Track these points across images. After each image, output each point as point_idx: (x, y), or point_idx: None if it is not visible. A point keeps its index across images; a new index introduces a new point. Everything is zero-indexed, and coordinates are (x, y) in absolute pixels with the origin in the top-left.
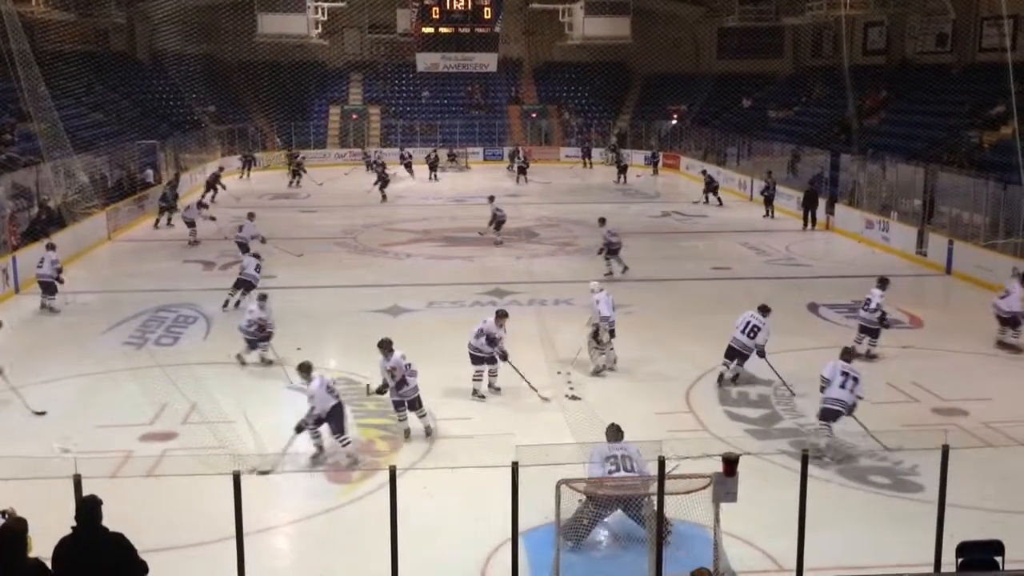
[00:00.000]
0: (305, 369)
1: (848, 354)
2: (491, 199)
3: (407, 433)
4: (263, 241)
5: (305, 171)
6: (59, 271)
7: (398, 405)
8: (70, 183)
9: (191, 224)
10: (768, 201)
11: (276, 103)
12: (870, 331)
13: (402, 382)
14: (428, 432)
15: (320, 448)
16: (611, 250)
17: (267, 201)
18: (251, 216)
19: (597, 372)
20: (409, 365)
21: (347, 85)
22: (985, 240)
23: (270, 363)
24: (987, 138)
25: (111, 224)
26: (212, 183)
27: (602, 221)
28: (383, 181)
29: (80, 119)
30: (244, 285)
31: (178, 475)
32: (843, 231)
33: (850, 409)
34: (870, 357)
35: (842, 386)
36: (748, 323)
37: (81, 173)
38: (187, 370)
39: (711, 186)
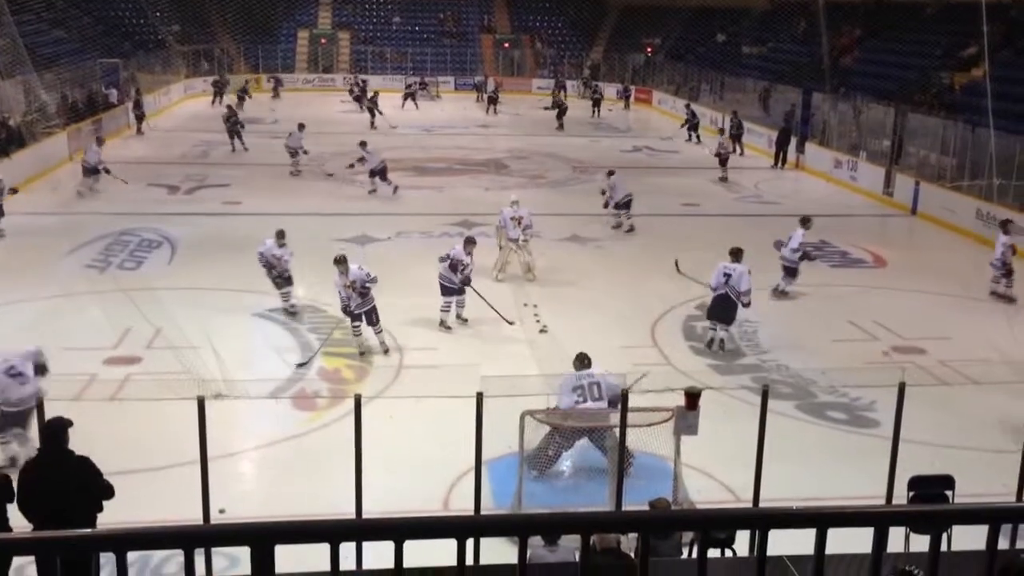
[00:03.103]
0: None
1: (735, 255)
2: (721, 131)
3: (363, 350)
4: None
5: (377, 105)
6: (2, 192)
7: (355, 317)
8: (30, 101)
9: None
10: (737, 139)
11: (243, 25)
12: (789, 271)
13: (363, 293)
14: (385, 350)
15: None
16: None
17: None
18: (301, 127)
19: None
20: (369, 274)
21: (316, 8)
22: (951, 182)
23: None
24: (958, 79)
25: (73, 145)
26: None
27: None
28: (561, 109)
29: (40, 35)
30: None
31: (142, 399)
32: (812, 170)
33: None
34: (783, 294)
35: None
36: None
37: (42, 91)
38: (151, 295)
39: (692, 123)
